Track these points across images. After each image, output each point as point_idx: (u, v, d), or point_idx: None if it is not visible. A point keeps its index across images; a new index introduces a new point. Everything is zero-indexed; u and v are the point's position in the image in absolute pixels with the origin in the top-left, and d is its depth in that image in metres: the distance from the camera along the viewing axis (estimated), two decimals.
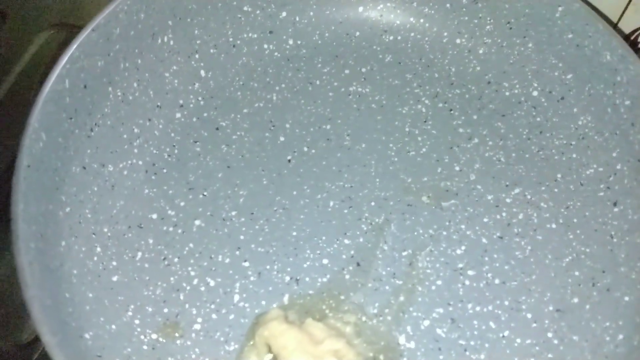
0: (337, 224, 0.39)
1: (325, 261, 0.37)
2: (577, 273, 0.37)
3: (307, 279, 0.37)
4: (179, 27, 0.43)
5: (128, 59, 0.40)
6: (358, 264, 0.37)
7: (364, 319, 0.35)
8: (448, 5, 0.46)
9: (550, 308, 0.36)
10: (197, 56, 0.44)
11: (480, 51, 0.46)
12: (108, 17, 0.37)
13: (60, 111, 0.35)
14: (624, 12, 0.44)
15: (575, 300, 0.36)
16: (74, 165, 0.37)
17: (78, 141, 0.37)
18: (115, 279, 0.36)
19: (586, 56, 0.39)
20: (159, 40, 0.42)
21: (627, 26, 0.45)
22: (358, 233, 0.39)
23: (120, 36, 0.38)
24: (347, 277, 0.37)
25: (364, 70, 0.46)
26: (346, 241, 0.38)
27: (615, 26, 0.45)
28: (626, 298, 0.34)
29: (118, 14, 0.37)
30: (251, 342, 0.34)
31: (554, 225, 0.39)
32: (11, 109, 0.45)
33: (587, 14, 0.38)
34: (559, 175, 0.41)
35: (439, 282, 0.37)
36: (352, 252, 0.38)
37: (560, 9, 0.39)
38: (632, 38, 0.45)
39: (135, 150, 0.40)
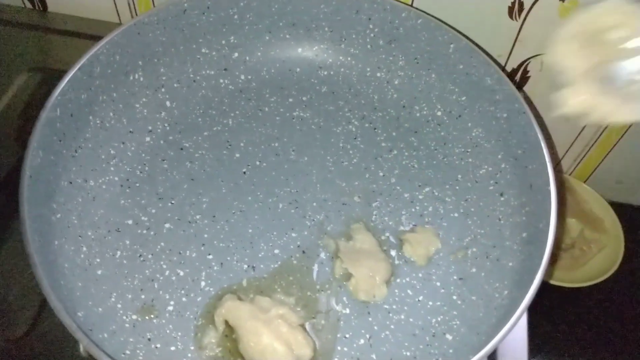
0: (285, 222, 0.47)
1: (276, 251, 0.46)
2: (474, 249, 0.47)
3: (261, 265, 0.45)
4: (148, 66, 0.51)
5: (105, 93, 0.48)
6: (304, 252, 0.46)
7: (308, 293, 0.43)
8: (369, 46, 0.56)
9: (455, 277, 0.45)
10: (163, 90, 0.52)
11: (396, 82, 0.56)
12: (91, 59, 0.45)
13: (53, 134, 0.42)
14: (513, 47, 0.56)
15: (474, 270, 0.45)
16: (62, 179, 0.44)
17: (65, 160, 0.44)
18: (99, 272, 0.42)
19: (474, 82, 0.50)
20: (131, 77, 0.50)
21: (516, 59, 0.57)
22: (303, 228, 0.47)
23: (100, 74, 0.46)
24: (295, 262, 0.45)
25: (304, 98, 0.55)
26: (293, 234, 0.47)
27: (503, 66, 0.57)
28: (510, 264, 0.44)
29: (99, 56, 0.45)
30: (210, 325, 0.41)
31: (456, 215, 0.49)
32: None
33: (472, 49, 0.50)
34: (459, 176, 0.51)
35: None
36: (299, 242, 0.46)
37: (452, 46, 0.51)
38: (522, 68, 0.57)
39: (112, 168, 0.48)
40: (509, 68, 0.58)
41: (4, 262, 0.46)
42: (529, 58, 0.56)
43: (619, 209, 0.65)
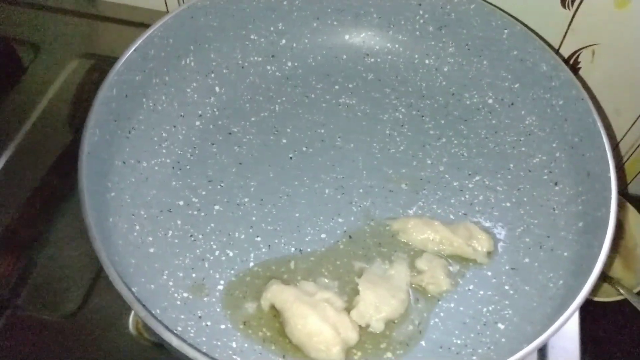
0: (331, 207, 0.47)
1: (323, 235, 0.46)
2: (527, 239, 0.45)
3: (308, 249, 0.45)
4: (199, 51, 0.52)
5: (158, 76, 0.49)
6: (350, 237, 0.46)
7: (355, 278, 0.43)
8: (417, 33, 0.55)
9: (507, 267, 0.44)
10: (212, 75, 0.53)
11: (445, 69, 0.55)
12: (146, 40, 0.45)
13: (109, 113, 0.43)
14: (564, 37, 0.54)
15: (527, 260, 0.44)
16: (116, 159, 0.45)
17: (119, 140, 0.45)
18: (151, 250, 0.43)
19: (528, 68, 0.49)
20: (183, 62, 0.51)
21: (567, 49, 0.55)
22: (349, 214, 0.47)
23: (154, 56, 0.47)
24: (341, 247, 0.45)
25: (350, 86, 0.55)
26: (340, 220, 0.46)
27: (557, 51, 0.56)
28: (565, 254, 0.42)
29: (153, 39, 0.46)
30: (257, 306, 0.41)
31: (508, 204, 0.48)
32: (46, 128, 0.53)
33: (527, 34, 0.48)
34: (511, 165, 0.50)
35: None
36: (345, 228, 0.46)
37: (506, 31, 0.49)
38: (574, 59, 0.55)
39: (164, 150, 0.49)
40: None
41: (57, 241, 0.47)
42: (581, 48, 0.54)
43: None
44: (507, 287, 0.43)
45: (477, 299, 0.43)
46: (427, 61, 0.56)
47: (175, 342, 0.33)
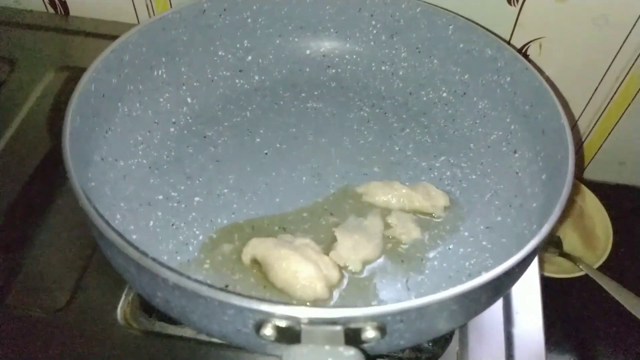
0: (310, 192, 0.49)
1: (305, 214, 0.47)
2: (497, 202, 0.48)
3: (292, 227, 0.45)
4: (170, 64, 0.54)
5: (132, 84, 0.51)
6: (331, 214, 0.47)
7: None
8: (372, 42, 0.61)
9: (482, 227, 0.46)
10: (184, 87, 0.55)
11: (400, 72, 0.60)
12: (121, 44, 0.48)
13: (87, 108, 0.44)
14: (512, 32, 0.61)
15: (499, 218, 0.47)
16: (95, 155, 0.45)
17: (97, 138, 0.46)
18: (134, 237, 0.43)
19: (475, 57, 0.55)
20: (155, 73, 0.53)
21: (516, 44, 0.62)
22: (328, 195, 0.48)
23: (129, 62, 0.49)
24: (323, 223, 0.46)
25: (316, 93, 0.59)
26: (319, 200, 0.48)
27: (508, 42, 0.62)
28: (534, 205, 0.45)
29: (128, 44, 0.49)
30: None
31: (474, 177, 0.51)
32: (27, 136, 0.54)
33: (469, 25, 0.54)
34: (471, 145, 0.53)
35: None
36: (326, 206, 0.47)
37: (450, 27, 0.55)
38: (522, 53, 0.62)
39: (140, 152, 0.50)
40: None
41: (43, 239, 0.46)
42: (529, 42, 0.61)
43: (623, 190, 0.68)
44: (484, 243, 0.45)
45: (459, 255, 0.44)
46: (383, 67, 0.61)
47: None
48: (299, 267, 0.39)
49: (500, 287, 0.37)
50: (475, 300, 0.34)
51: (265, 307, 0.30)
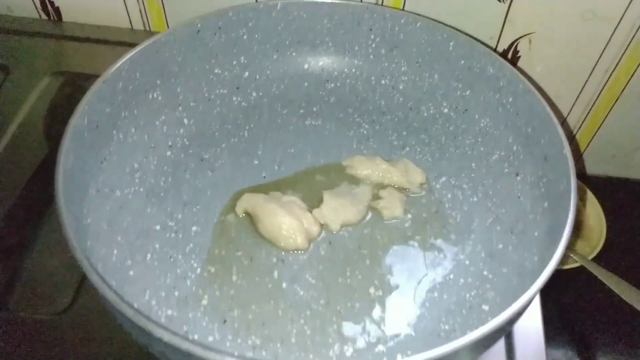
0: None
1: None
2: (498, 228, 0.47)
3: (290, 258, 0.45)
4: (165, 85, 0.53)
5: (127, 109, 0.50)
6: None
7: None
8: (371, 56, 0.59)
9: (483, 255, 0.46)
10: (180, 108, 0.55)
11: (401, 87, 0.59)
12: (114, 73, 0.47)
13: (81, 142, 0.44)
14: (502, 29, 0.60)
15: (500, 246, 0.46)
16: (90, 187, 0.45)
17: (93, 169, 0.45)
18: (131, 273, 0.43)
19: (476, 74, 0.53)
20: (150, 96, 0.52)
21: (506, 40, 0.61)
22: None
23: (122, 90, 0.49)
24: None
25: (314, 109, 0.58)
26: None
27: (496, 45, 0.61)
28: (536, 233, 0.44)
29: (121, 72, 0.48)
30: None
31: (475, 199, 0.50)
32: (24, 141, 0.54)
33: (471, 42, 0.53)
34: (473, 164, 0.52)
35: (395, 248, 0.46)
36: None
37: (452, 43, 0.54)
38: (513, 48, 0.61)
39: (137, 180, 0.49)
40: (500, 49, 0.62)
41: (43, 242, 0.47)
42: (519, 38, 0.60)
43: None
44: (485, 273, 0.44)
45: (459, 286, 0.44)
46: (383, 81, 0.60)
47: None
48: (283, 220, 0.45)
49: (497, 336, 0.36)
50: (475, 350, 0.34)
51: None
